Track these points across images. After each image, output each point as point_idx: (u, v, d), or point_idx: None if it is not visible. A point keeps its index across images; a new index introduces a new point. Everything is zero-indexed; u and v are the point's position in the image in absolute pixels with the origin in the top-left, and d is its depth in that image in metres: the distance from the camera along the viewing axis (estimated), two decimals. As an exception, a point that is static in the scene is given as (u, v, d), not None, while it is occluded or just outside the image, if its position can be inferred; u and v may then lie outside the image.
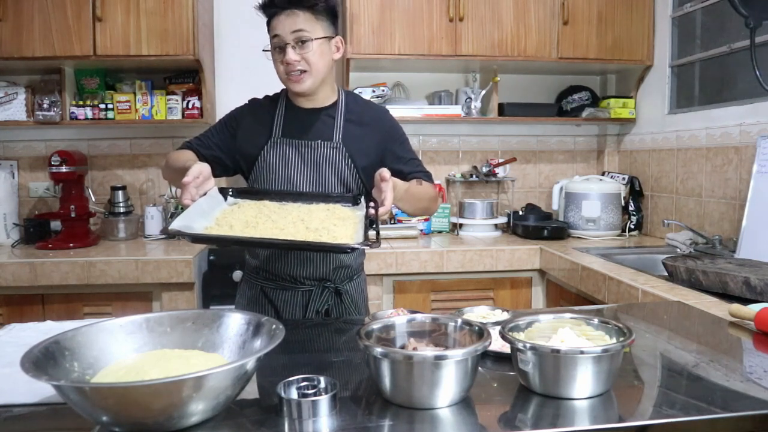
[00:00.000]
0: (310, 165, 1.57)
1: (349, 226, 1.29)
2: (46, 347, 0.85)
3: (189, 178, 1.27)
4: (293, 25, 1.46)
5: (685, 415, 0.86)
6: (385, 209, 1.33)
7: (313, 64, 1.49)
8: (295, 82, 1.51)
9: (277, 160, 1.57)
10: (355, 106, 1.63)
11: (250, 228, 1.25)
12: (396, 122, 1.68)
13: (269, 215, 1.33)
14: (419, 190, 1.59)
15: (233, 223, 1.27)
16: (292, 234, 1.23)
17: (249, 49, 2.93)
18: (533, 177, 3.32)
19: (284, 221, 1.30)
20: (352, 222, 1.31)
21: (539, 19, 2.82)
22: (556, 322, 1.05)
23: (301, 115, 1.59)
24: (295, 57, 1.47)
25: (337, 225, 1.28)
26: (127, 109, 2.75)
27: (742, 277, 1.61)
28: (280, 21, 1.47)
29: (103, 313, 2.32)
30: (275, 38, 1.49)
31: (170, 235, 1.14)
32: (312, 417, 0.83)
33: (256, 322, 0.98)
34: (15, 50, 2.51)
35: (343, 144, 1.57)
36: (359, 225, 1.29)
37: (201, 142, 1.63)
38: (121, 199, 2.86)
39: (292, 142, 1.57)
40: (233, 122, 1.63)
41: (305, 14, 1.47)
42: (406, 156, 1.66)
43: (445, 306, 2.54)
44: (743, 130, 2.32)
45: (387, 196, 1.33)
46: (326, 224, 1.28)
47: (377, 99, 2.91)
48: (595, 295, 2.11)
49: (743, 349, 1.25)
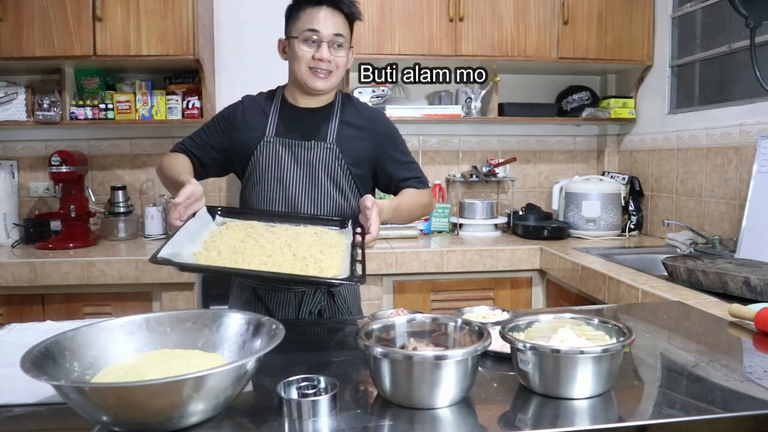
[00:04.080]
0: (302, 165, 1.56)
1: (336, 254, 1.29)
2: (46, 347, 0.85)
3: (180, 198, 1.29)
4: (335, 27, 1.49)
5: (685, 415, 0.86)
6: (372, 236, 1.36)
7: (340, 67, 1.54)
8: (319, 79, 1.52)
9: (270, 159, 1.56)
10: (350, 108, 1.63)
11: (237, 254, 1.26)
12: (392, 125, 1.68)
13: (257, 239, 1.33)
14: (409, 202, 1.59)
15: (221, 247, 1.27)
16: (279, 262, 1.24)
17: (249, 49, 2.94)
18: (533, 177, 3.32)
19: (272, 246, 1.30)
20: (339, 250, 1.32)
21: (539, 19, 2.82)
22: (556, 322, 1.05)
23: (296, 115, 1.59)
24: (329, 56, 1.50)
25: (324, 252, 1.28)
26: (127, 109, 2.75)
27: (742, 277, 1.61)
28: (322, 17, 1.48)
29: (103, 313, 2.32)
30: (311, 32, 1.49)
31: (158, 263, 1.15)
32: (312, 417, 0.83)
33: (256, 322, 0.98)
34: (15, 50, 2.51)
35: (337, 145, 1.57)
36: (346, 254, 1.30)
37: (194, 143, 1.63)
38: (121, 199, 2.86)
39: (285, 142, 1.57)
40: (226, 121, 1.62)
41: (343, 19, 1.51)
42: (402, 159, 1.65)
43: (445, 306, 2.54)
44: (743, 130, 2.32)
45: (373, 223, 1.35)
46: (313, 251, 1.28)
47: (377, 99, 2.91)
48: (595, 295, 2.11)
49: (743, 349, 1.25)
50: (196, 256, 1.24)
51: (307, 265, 1.22)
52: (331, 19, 1.49)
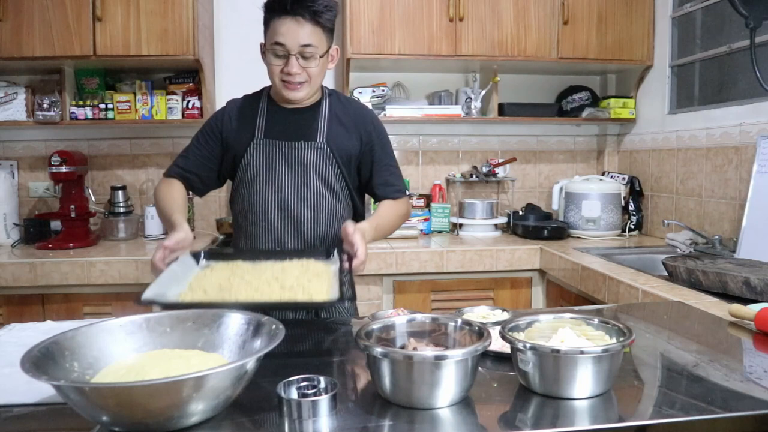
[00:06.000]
0: (294, 166, 1.55)
1: (324, 281, 1.26)
2: (46, 347, 0.85)
3: (170, 242, 1.31)
4: (301, 38, 1.43)
5: (685, 415, 0.86)
6: (360, 260, 1.33)
7: (313, 77, 1.50)
8: (291, 91, 1.50)
9: (260, 161, 1.56)
10: (338, 105, 1.61)
11: (224, 291, 1.22)
12: (380, 124, 1.65)
13: (243, 276, 1.30)
14: (387, 219, 1.57)
15: (207, 287, 1.24)
16: (267, 294, 1.21)
17: (249, 49, 2.91)
18: (533, 177, 3.32)
19: (258, 281, 1.27)
20: (326, 277, 1.29)
21: (539, 19, 2.82)
22: (556, 322, 1.05)
23: (284, 116, 1.58)
24: (297, 69, 1.46)
25: (312, 281, 1.25)
26: (127, 109, 2.75)
27: (742, 277, 1.61)
28: (287, 28, 1.42)
29: (103, 313, 2.32)
30: (278, 46, 1.44)
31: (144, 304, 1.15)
32: (312, 417, 0.83)
33: (256, 322, 0.98)
34: (15, 50, 2.51)
35: (327, 144, 1.55)
36: (334, 279, 1.27)
37: (188, 161, 1.61)
38: (121, 199, 2.86)
39: (275, 143, 1.55)
40: (214, 129, 1.60)
41: (312, 26, 1.43)
42: (383, 161, 1.63)
43: (445, 306, 2.54)
44: (743, 130, 2.32)
45: (359, 247, 1.33)
46: (301, 281, 1.25)
47: (377, 99, 2.91)
48: (595, 295, 2.11)
49: (743, 349, 1.25)
50: (182, 296, 1.21)
51: (296, 294, 1.19)
52: (296, 31, 1.42)
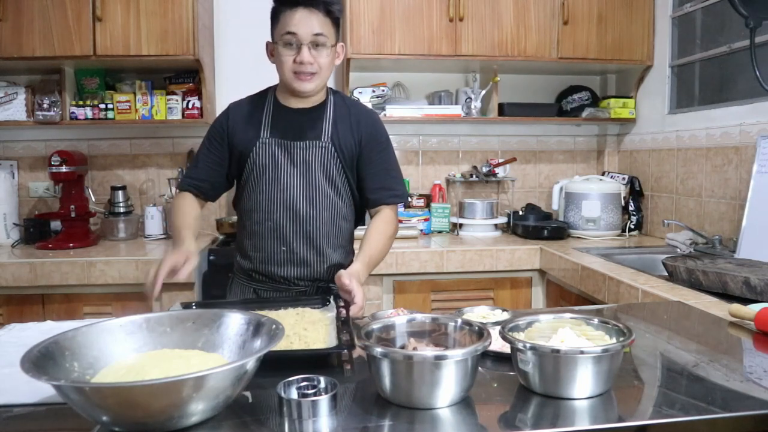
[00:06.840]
0: (299, 166, 1.56)
1: (321, 329, 1.21)
2: (46, 347, 0.85)
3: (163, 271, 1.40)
4: (313, 27, 1.46)
5: (685, 415, 0.86)
6: (359, 306, 1.33)
7: (324, 68, 1.51)
8: (303, 81, 1.51)
9: (266, 161, 1.56)
10: (342, 106, 1.62)
11: None
12: (381, 127, 1.65)
13: None
14: (377, 248, 1.55)
15: None
16: None
17: (249, 49, 2.92)
18: (533, 177, 3.32)
19: None
20: (323, 324, 1.24)
21: (539, 19, 2.82)
22: (556, 322, 1.05)
23: (289, 115, 1.58)
24: (309, 58, 1.48)
25: (308, 330, 1.21)
26: (127, 109, 2.75)
27: (742, 277, 1.61)
28: (299, 18, 1.46)
29: (103, 313, 2.32)
30: (289, 35, 1.47)
31: None
32: (312, 417, 0.83)
33: (256, 322, 0.98)
34: (15, 50, 2.51)
35: (332, 143, 1.57)
36: (331, 327, 1.23)
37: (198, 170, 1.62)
38: (121, 199, 2.86)
39: (281, 143, 1.56)
40: (219, 133, 1.61)
41: (323, 17, 1.47)
42: (381, 164, 1.62)
43: (445, 306, 2.54)
44: (743, 130, 2.32)
45: (357, 294, 1.33)
46: (297, 329, 1.20)
47: (377, 99, 2.91)
48: (595, 295, 2.11)
49: (743, 349, 1.25)
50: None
51: (292, 343, 1.14)
52: (308, 20, 1.46)
